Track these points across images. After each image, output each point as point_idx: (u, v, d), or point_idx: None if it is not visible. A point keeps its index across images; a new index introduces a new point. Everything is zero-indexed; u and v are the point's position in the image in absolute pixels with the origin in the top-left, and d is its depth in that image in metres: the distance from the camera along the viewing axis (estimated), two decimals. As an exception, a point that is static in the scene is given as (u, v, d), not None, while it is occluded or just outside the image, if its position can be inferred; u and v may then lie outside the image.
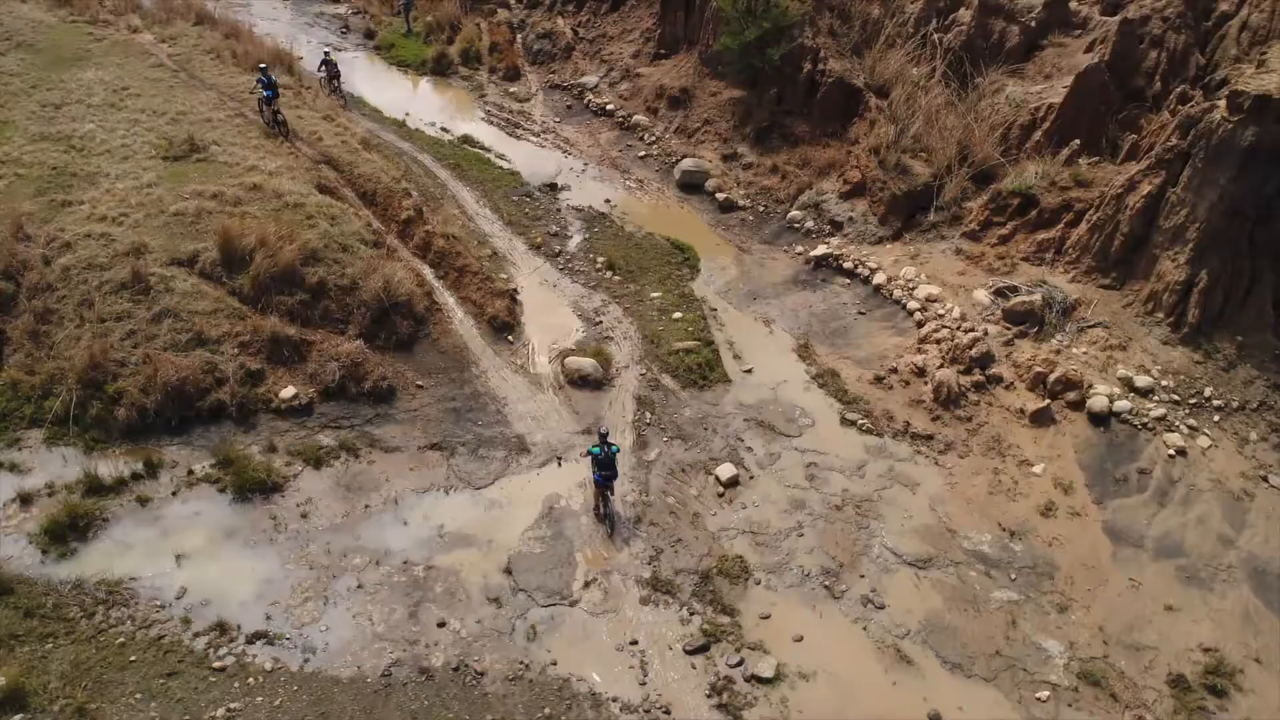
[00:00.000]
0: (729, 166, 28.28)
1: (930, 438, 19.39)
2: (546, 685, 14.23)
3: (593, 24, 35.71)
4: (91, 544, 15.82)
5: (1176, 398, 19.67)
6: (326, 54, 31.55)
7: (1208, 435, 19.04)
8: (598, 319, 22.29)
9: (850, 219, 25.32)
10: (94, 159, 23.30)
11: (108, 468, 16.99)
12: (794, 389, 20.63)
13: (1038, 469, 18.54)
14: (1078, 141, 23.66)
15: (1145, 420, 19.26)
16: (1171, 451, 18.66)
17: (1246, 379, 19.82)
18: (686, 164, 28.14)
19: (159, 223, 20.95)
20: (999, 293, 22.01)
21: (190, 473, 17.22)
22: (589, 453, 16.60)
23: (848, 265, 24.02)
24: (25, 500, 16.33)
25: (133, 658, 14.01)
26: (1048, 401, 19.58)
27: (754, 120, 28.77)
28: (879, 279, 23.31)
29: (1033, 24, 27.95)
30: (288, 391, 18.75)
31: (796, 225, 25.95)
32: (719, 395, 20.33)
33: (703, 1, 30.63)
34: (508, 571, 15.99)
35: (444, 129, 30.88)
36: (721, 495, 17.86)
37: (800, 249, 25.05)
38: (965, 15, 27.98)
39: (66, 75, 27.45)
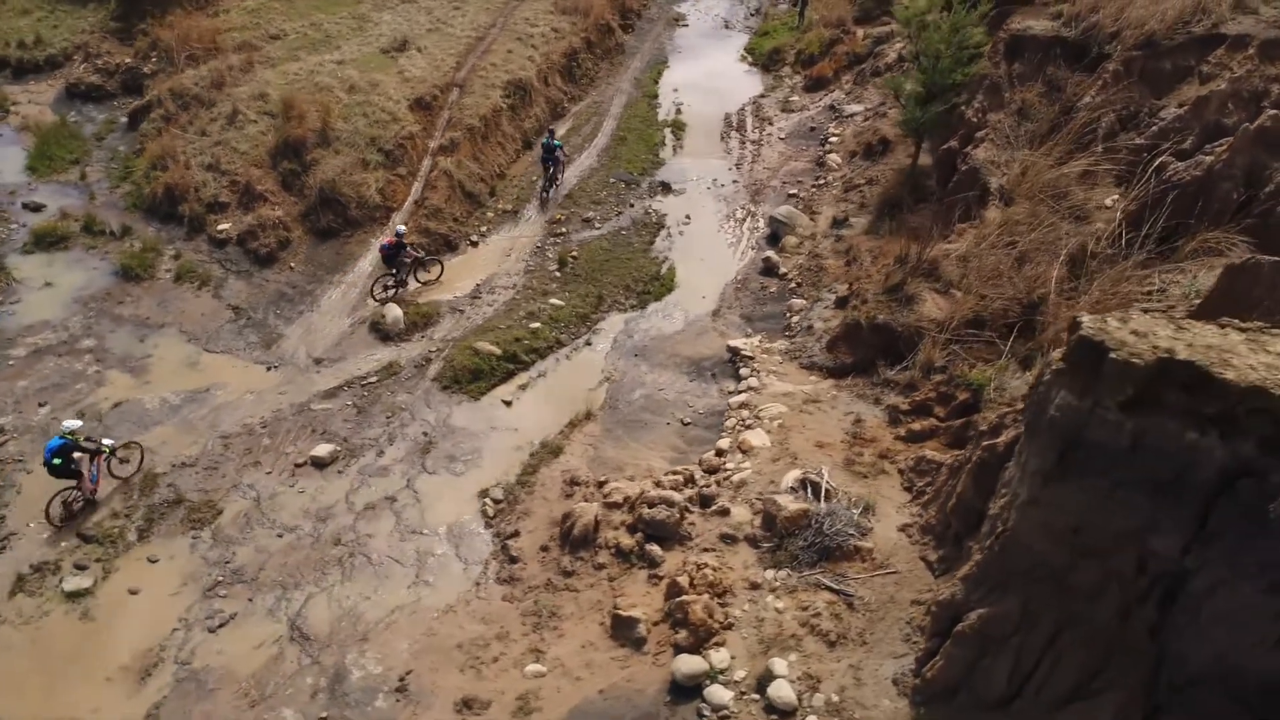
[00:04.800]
0: (828, 231, 22.95)
1: (514, 560, 15.25)
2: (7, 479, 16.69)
3: (926, 55, 30.35)
4: (43, 254, 22.53)
5: (807, 749, 11.91)
6: None
7: (775, 825, 11.38)
8: (484, 294, 21.62)
9: (811, 329, 19.07)
10: (351, 39, 29.88)
11: (111, 220, 23.63)
12: (508, 442, 17.78)
13: (504, 665, 13.44)
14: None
15: (724, 734, 12.25)
16: (691, 792, 11.76)
17: (928, 815, 10.95)
18: (780, 211, 23.72)
19: (298, 85, 26.55)
20: (804, 483, 15.15)
21: (132, 245, 22.97)
22: (541, 145, 25.31)
23: (744, 372, 18.55)
24: (65, 215, 23.91)
25: (-54, 312, 20.48)
26: (639, 618, 13.62)
27: (892, 191, 22.56)
28: (737, 400, 17.69)
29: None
30: (223, 225, 23.14)
31: (787, 315, 20.46)
32: (446, 402, 18.62)
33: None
34: (117, 405, 18.35)
35: (678, 109, 30.57)
36: (299, 466, 17.14)
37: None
38: (1222, 145, 17.37)
39: (443, -16, 34.62)
